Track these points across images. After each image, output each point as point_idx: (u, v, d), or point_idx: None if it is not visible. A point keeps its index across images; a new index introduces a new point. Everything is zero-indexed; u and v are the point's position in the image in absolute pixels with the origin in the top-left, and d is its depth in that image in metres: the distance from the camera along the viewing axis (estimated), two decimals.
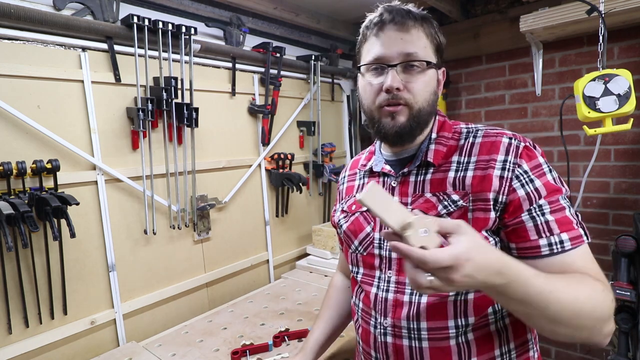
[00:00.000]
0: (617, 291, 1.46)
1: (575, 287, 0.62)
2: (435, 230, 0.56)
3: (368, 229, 0.85)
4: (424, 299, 0.75)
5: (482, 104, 2.34)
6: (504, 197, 0.70)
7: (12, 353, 1.23)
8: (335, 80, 2.55)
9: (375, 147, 0.92)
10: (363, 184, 0.91)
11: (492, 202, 0.70)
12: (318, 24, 2.25)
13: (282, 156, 2.09)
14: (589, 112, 1.32)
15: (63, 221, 1.26)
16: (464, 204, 0.72)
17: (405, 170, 0.81)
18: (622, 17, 1.59)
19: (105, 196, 1.45)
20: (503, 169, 0.71)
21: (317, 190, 2.45)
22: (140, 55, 1.47)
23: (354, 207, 0.90)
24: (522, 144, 0.73)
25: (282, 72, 2.08)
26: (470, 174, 0.74)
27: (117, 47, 1.46)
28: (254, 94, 2.02)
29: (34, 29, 1.27)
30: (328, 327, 1.04)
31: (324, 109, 2.45)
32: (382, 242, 0.82)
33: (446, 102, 2.43)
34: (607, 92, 1.29)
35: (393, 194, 0.81)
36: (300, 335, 1.40)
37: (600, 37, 1.38)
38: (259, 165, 2.06)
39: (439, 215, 0.73)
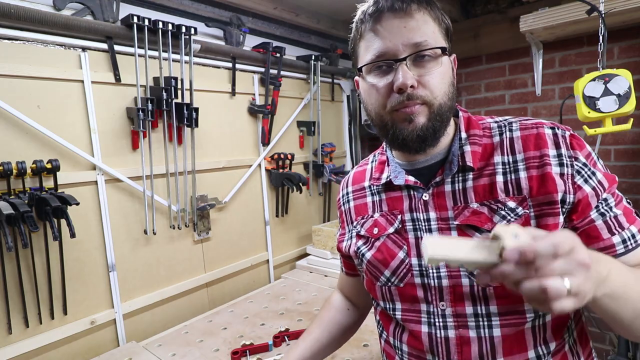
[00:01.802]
0: None
1: None
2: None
3: (401, 254, 0.70)
4: (497, 332, 0.63)
5: (482, 104, 2.34)
6: (571, 196, 0.61)
7: (12, 353, 1.23)
8: (335, 80, 2.55)
9: (388, 156, 0.78)
10: (381, 200, 0.76)
11: (560, 204, 0.61)
12: (318, 24, 2.25)
13: (282, 156, 2.09)
14: (589, 112, 1.32)
15: (63, 221, 1.26)
16: (525, 210, 0.62)
17: (438, 179, 0.68)
18: (622, 17, 1.59)
19: (105, 196, 1.45)
20: (560, 164, 0.62)
21: (317, 190, 2.45)
22: (140, 55, 1.47)
23: (376, 229, 0.75)
24: (567, 133, 0.65)
25: (282, 72, 2.08)
26: (523, 174, 0.63)
27: (117, 47, 1.46)
28: (254, 94, 2.02)
29: (34, 29, 1.27)
30: (315, 345, 0.91)
31: (324, 109, 2.45)
32: (423, 268, 0.68)
33: None
34: (607, 92, 1.29)
35: (427, 210, 0.69)
36: (300, 335, 1.39)
37: (600, 37, 1.38)
38: (259, 165, 2.06)
39: None
